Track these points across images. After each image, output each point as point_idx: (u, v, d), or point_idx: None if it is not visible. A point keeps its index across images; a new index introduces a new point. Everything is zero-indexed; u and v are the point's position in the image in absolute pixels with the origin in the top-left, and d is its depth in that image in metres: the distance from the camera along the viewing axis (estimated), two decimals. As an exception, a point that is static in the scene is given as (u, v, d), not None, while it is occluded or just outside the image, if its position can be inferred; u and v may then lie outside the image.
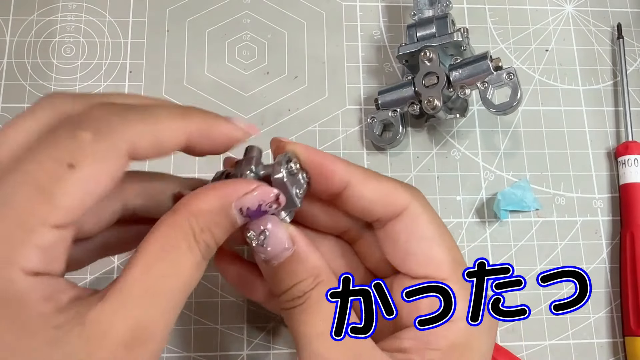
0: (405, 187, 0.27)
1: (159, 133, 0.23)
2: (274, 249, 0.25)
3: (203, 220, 0.23)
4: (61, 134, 0.21)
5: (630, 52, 0.44)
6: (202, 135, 0.24)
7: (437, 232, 0.27)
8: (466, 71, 0.37)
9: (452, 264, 0.26)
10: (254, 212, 0.24)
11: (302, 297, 0.25)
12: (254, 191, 0.24)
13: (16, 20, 0.41)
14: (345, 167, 0.26)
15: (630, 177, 0.40)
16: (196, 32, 0.42)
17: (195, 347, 0.35)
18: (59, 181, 0.20)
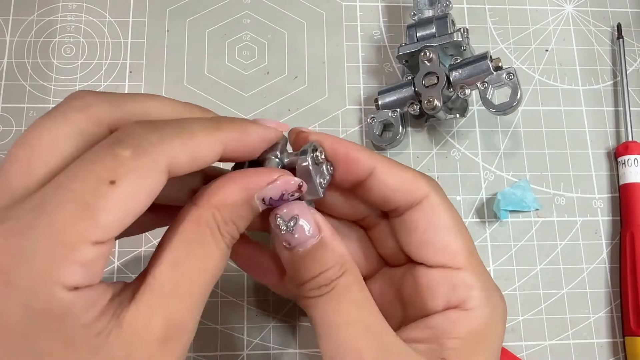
0: (426, 177, 0.28)
1: (196, 148, 0.23)
2: (300, 235, 0.25)
3: (227, 213, 0.23)
4: (101, 151, 0.21)
5: (630, 52, 0.44)
6: (237, 144, 0.25)
7: (454, 222, 0.27)
8: (466, 71, 0.37)
9: (467, 254, 0.27)
10: (277, 201, 0.24)
11: (329, 285, 0.25)
12: (277, 181, 0.24)
13: (16, 20, 0.41)
14: (369, 155, 0.27)
15: (630, 177, 0.40)
16: (196, 32, 0.42)
17: (195, 347, 0.35)
18: (100, 198, 0.20)
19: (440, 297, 0.26)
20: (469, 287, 0.26)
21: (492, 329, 0.26)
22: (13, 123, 0.39)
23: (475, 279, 0.26)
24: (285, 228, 0.25)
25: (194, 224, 0.23)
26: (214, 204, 0.23)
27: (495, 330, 0.26)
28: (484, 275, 0.27)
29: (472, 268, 0.27)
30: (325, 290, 0.25)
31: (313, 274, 0.25)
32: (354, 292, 0.25)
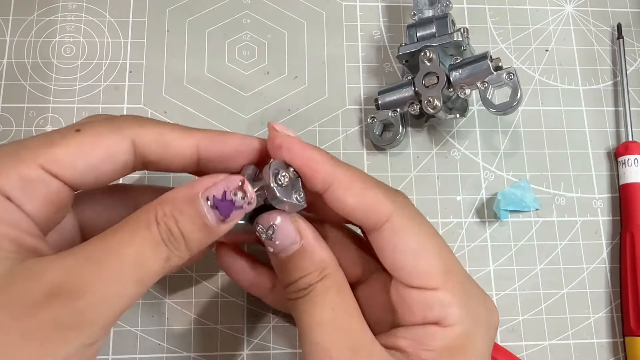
0: (390, 195, 0.27)
1: (165, 131, 0.26)
2: (282, 242, 0.26)
3: (168, 206, 0.24)
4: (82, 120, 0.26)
5: (630, 52, 0.44)
6: (213, 144, 0.26)
7: (423, 243, 0.27)
8: (466, 71, 0.37)
9: (442, 272, 0.26)
10: (221, 201, 0.24)
11: (307, 289, 0.26)
12: (220, 181, 0.24)
13: (16, 20, 0.41)
14: (331, 168, 0.26)
15: (630, 177, 0.40)
16: (196, 32, 0.42)
17: (195, 347, 0.35)
18: (62, 137, 0.24)
19: (418, 315, 0.26)
20: (446, 306, 0.26)
21: (472, 342, 0.26)
22: (13, 123, 0.39)
23: (451, 297, 0.26)
24: (265, 235, 0.26)
25: (136, 212, 0.24)
26: (160, 198, 0.24)
27: (475, 344, 0.26)
28: (465, 288, 0.27)
29: (448, 286, 0.26)
30: (303, 293, 0.26)
31: (294, 278, 0.26)
32: (330, 295, 0.26)
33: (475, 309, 0.27)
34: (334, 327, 0.25)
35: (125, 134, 0.25)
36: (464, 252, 0.39)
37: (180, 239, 0.24)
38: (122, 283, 0.22)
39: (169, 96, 0.40)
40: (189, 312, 0.36)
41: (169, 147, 0.26)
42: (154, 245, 0.23)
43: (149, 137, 0.25)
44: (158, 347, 0.35)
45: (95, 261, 0.22)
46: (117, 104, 0.40)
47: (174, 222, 0.23)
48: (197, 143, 0.26)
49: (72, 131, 0.24)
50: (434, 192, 0.40)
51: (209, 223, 0.24)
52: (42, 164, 0.23)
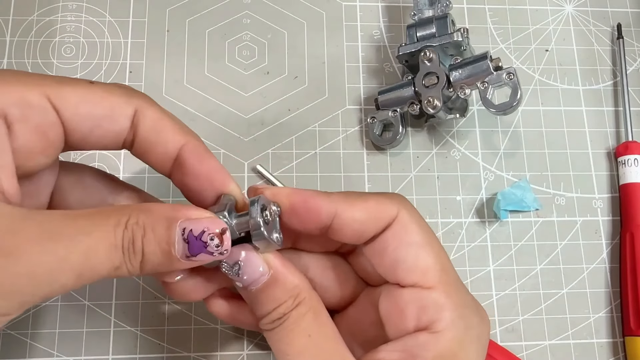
0: (391, 197, 0.27)
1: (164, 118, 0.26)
2: (250, 276, 0.25)
3: (143, 217, 0.23)
4: None
5: (630, 52, 0.44)
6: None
7: (425, 238, 0.27)
8: (466, 71, 0.37)
9: (439, 272, 0.26)
10: (194, 239, 0.23)
11: (282, 318, 0.25)
12: (204, 218, 0.24)
13: (16, 20, 0.41)
14: (328, 199, 0.26)
15: (630, 177, 0.40)
16: (196, 32, 0.42)
17: (195, 347, 0.35)
18: (75, 82, 0.24)
19: (411, 318, 0.26)
20: (439, 307, 0.26)
21: (464, 350, 0.26)
22: (13, 123, 0.39)
23: (446, 298, 0.26)
24: (232, 273, 0.25)
25: (113, 207, 0.23)
26: (140, 206, 0.23)
27: (467, 351, 0.26)
28: (458, 294, 0.27)
29: (444, 287, 0.26)
30: (278, 324, 0.25)
31: (269, 309, 0.26)
32: (306, 322, 0.25)
33: (468, 317, 0.26)
34: (312, 354, 0.25)
35: (134, 103, 0.25)
36: (464, 252, 0.39)
37: (139, 254, 0.23)
38: (61, 269, 0.21)
39: (169, 96, 0.40)
40: (188, 312, 0.36)
41: (161, 134, 0.25)
42: (110, 248, 0.22)
43: (150, 119, 0.25)
44: (158, 347, 0.35)
45: (48, 234, 0.21)
46: (117, 104, 0.40)
47: (141, 235, 0.23)
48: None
49: (86, 82, 0.24)
50: (434, 192, 0.40)
51: (173, 253, 0.23)
52: (48, 94, 0.23)
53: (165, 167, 0.27)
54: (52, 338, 0.35)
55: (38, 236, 0.21)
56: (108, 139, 0.25)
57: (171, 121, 0.26)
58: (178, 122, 0.27)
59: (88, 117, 0.24)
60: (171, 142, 0.26)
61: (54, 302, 0.35)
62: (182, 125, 0.27)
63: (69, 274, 0.21)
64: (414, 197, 0.39)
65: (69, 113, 0.24)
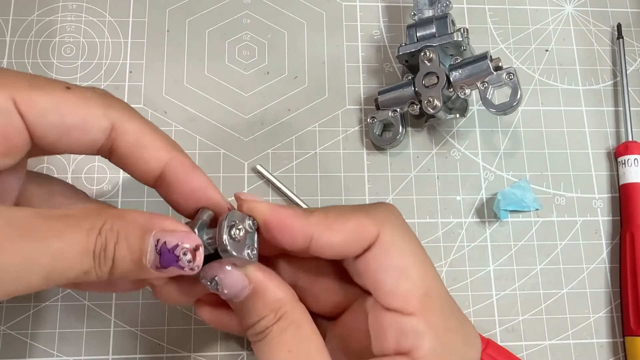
0: (374, 214, 0.26)
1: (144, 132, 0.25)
2: (230, 290, 0.25)
3: (118, 223, 0.23)
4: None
5: (630, 52, 0.44)
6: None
7: (408, 260, 0.26)
8: (466, 71, 0.37)
9: (422, 297, 0.26)
10: (167, 251, 0.23)
11: (264, 332, 0.25)
12: (180, 233, 0.23)
13: (16, 20, 0.41)
14: (304, 221, 0.25)
15: (630, 177, 0.40)
16: (196, 32, 0.42)
17: (195, 347, 0.35)
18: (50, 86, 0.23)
19: (391, 342, 0.26)
20: (419, 334, 0.25)
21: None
22: (13, 123, 0.39)
23: (426, 325, 0.25)
24: (211, 287, 0.25)
25: (90, 210, 0.23)
26: (117, 211, 0.23)
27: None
28: (442, 319, 0.26)
29: (425, 313, 0.25)
30: (261, 337, 0.25)
31: (251, 322, 0.26)
32: (287, 336, 0.25)
33: (451, 343, 0.26)
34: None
35: (111, 115, 0.24)
36: (464, 252, 0.39)
37: (109, 260, 0.22)
38: (29, 269, 0.21)
39: (169, 96, 0.40)
40: (188, 312, 0.36)
41: (143, 151, 0.25)
42: (81, 252, 0.22)
43: (132, 134, 0.24)
44: (158, 347, 0.35)
45: (17, 232, 0.21)
46: (117, 104, 0.40)
47: (113, 242, 0.22)
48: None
49: (63, 87, 0.23)
50: (434, 192, 0.40)
51: (144, 262, 0.23)
52: (15, 98, 0.22)
53: (148, 182, 0.26)
54: (52, 338, 0.35)
55: (9, 233, 0.20)
56: (79, 148, 0.24)
57: (154, 136, 0.25)
58: (161, 135, 0.26)
59: (56, 125, 0.23)
60: (154, 159, 0.25)
61: (54, 302, 0.35)
62: (166, 138, 0.26)
63: (37, 275, 0.21)
64: (413, 197, 0.39)
65: (34, 120, 0.23)
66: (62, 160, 0.38)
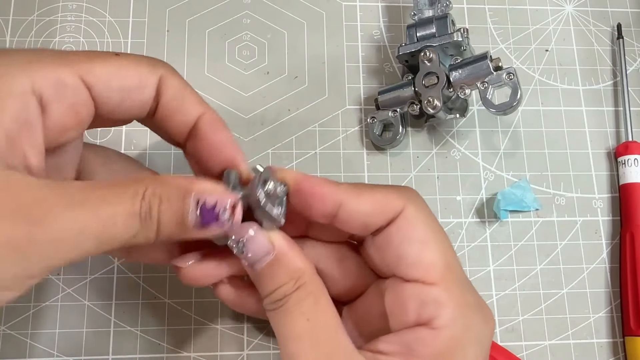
0: (399, 191, 0.27)
1: (187, 87, 0.27)
2: (254, 254, 0.26)
3: (160, 187, 0.24)
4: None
5: (630, 52, 0.44)
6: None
7: (430, 234, 0.27)
8: (466, 71, 0.37)
9: (443, 269, 0.26)
10: (207, 211, 0.24)
11: (282, 300, 0.26)
12: (217, 193, 0.25)
13: (16, 20, 0.41)
14: (335, 188, 0.27)
15: (630, 177, 0.40)
16: (196, 32, 0.42)
17: (195, 347, 0.35)
18: (103, 57, 0.25)
19: (411, 313, 0.26)
20: (439, 304, 0.26)
21: (462, 350, 0.26)
22: (13, 123, 0.39)
23: (447, 295, 0.26)
24: (237, 249, 0.26)
25: (132, 178, 0.24)
26: (156, 177, 0.25)
27: (465, 353, 0.26)
28: (462, 292, 0.26)
29: (446, 284, 0.26)
30: (279, 305, 0.26)
31: (271, 289, 0.26)
32: (306, 306, 0.26)
33: (469, 316, 0.26)
34: (310, 338, 0.25)
35: (159, 72, 0.26)
36: (464, 252, 0.39)
37: (155, 222, 0.24)
38: (84, 235, 0.22)
39: (169, 96, 0.40)
40: (188, 312, 0.36)
41: (183, 103, 0.27)
42: (129, 216, 0.23)
43: (174, 88, 0.26)
44: (158, 347, 0.35)
45: (70, 203, 0.22)
46: (117, 104, 0.40)
47: (157, 204, 0.23)
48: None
49: (112, 54, 0.25)
50: (434, 192, 0.40)
51: (186, 223, 0.24)
52: (81, 74, 0.24)
53: (182, 135, 0.28)
54: (52, 338, 0.35)
55: (62, 205, 0.22)
56: (135, 110, 0.26)
57: (192, 91, 0.27)
58: (196, 93, 0.28)
59: (119, 89, 0.25)
60: (192, 110, 0.27)
61: (54, 302, 0.35)
62: (200, 97, 0.28)
63: (91, 240, 0.22)
64: (414, 197, 0.39)
65: (100, 89, 0.25)
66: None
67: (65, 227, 0.22)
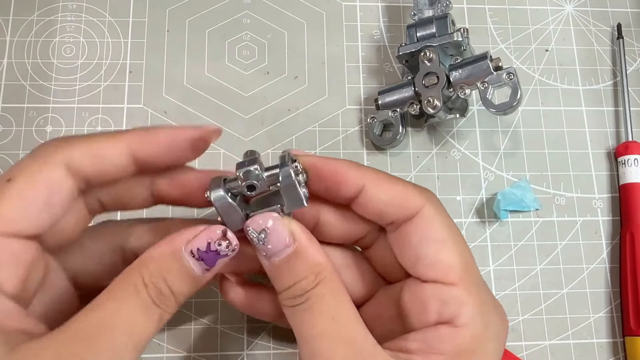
0: (419, 189, 0.27)
1: (96, 146, 0.25)
2: (274, 246, 0.25)
3: (153, 266, 0.24)
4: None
5: (630, 52, 0.44)
6: (144, 141, 0.25)
7: (449, 235, 0.27)
8: (466, 71, 0.37)
9: (462, 269, 0.26)
10: (205, 252, 0.24)
11: (304, 296, 0.25)
12: (201, 233, 0.24)
13: (16, 20, 0.41)
14: (358, 171, 0.27)
15: (630, 177, 0.40)
16: (196, 32, 0.42)
17: (195, 347, 0.35)
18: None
19: (432, 313, 0.26)
20: (460, 303, 0.26)
21: (482, 347, 0.26)
22: (13, 123, 0.39)
23: (467, 295, 0.26)
24: (257, 240, 0.25)
25: (122, 275, 0.24)
26: (142, 258, 0.24)
27: (486, 349, 0.26)
28: (480, 291, 0.27)
29: (465, 284, 0.26)
30: (299, 301, 0.25)
31: (289, 284, 0.25)
32: (328, 303, 0.25)
33: (488, 314, 0.26)
34: (336, 337, 0.25)
35: (55, 163, 0.24)
36: (464, 252, 0.39)
37: (170, 296, 0.24)
38: (118, 354, 0.22)
39: (169, 96, 0.40)
40: (188, 312, 0.36)
41: (104, 161, 0.25)
42: (145, 310, 0.23)
43: (82, 156, 0.24)
44: (158, 347, 0.35)
45: (88, 338, 0.22)
46: (117, 104, 0.40)
47: (163, 282, 0.24)
48: (128, 147, 0.25)
49: (4, 182, 0.23)
50: (434, 192, 0.39)
51: (195, 275, 0.24)
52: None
53: (130, 174, 0.27)
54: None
55: (87, 347, 0.22)
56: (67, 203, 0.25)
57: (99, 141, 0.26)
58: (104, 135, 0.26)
59: (35, 215, 0.24)
60: (117, 157, 0.26)
61: (54, 302, 0.35)
62: (110, 134, 0.26)
63: (127, 353, 0.23)
64: (414, 197, 0.39)
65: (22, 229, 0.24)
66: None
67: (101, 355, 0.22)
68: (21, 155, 0.38)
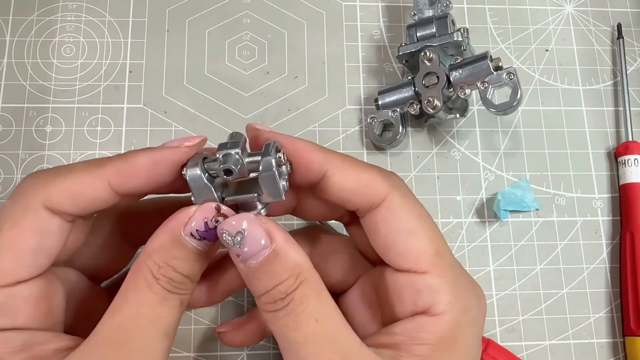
0: (385, 175, 0.27)
1: (72, 185, 0.24)
2: (250, 248, 0.24)
3: (158, 257, 0.24)
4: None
5: (630, 52, 0.44)
6: (122, 175, 0.25)
7: (417, 223, 0.26)
8: (466, 71, 0.37)
9: (434, 255, 0.26)
10: (205, 232, 0.24)
11: (285, 299, 0.24)
12: (195, 213, 0.24)
13: (16, 20, 0.41)
14: (323, 155, 0.26)
15: (630, 177, 0.40)
16: (196, 32, 0.42)
17: (195, 347, 0.35)
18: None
19: (407, 303, 0.26)
20: (435, 291, 0.25)
21: (463, 332, 0.25)
22: (13, 123, 0.39)
23: (441, 282, 0.25)
24: (233, 243, 0.24)
25: (130, 274, 0.24)
26: (146, 251, 0.24)
27: (466, 334, 0.26)
28: (454, 275, 0.26)
29: (438, 270, 0.25)
30: (280, 305, 0.24)
31: (267, 288, 0.24)
32: (311, 305, 0.24)
33: (465, 297, 0.26)
34: (321, 340, 0.24)
35: (36, 207, 0.24)
36: (464, 252, 0.39)
37: (184, 280, 0.24)
38: (150, 349, 0.23)
39: (169, 96, 0.40)
40: (188, 312, 0.36)
41: (81, 197, 0.24)
42: (163, 301, 0.23)
43: (60, 196, 0.24)
44: (158, 347, 0.35)
45: (116, 344, 0.23)
46: (117, 104, 0.40)
47: (172, 270, 0.24)
48: (107, 181, 0.24)
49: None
50: (434, 192, 0.40)
51: (203, 253, 0.24)
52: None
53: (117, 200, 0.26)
54: (52, 338, 0.35)
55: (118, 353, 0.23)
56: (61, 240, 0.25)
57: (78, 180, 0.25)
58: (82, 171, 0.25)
59: (30, 259, 0.24)
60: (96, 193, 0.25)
61: (54, 302, 0.35)
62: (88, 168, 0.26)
63: (159, 345, 0.23)
64: (414, 197, 0.39)
65: (22, 274, 0.24)
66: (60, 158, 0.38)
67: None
68: (21, 155, 0.38)
